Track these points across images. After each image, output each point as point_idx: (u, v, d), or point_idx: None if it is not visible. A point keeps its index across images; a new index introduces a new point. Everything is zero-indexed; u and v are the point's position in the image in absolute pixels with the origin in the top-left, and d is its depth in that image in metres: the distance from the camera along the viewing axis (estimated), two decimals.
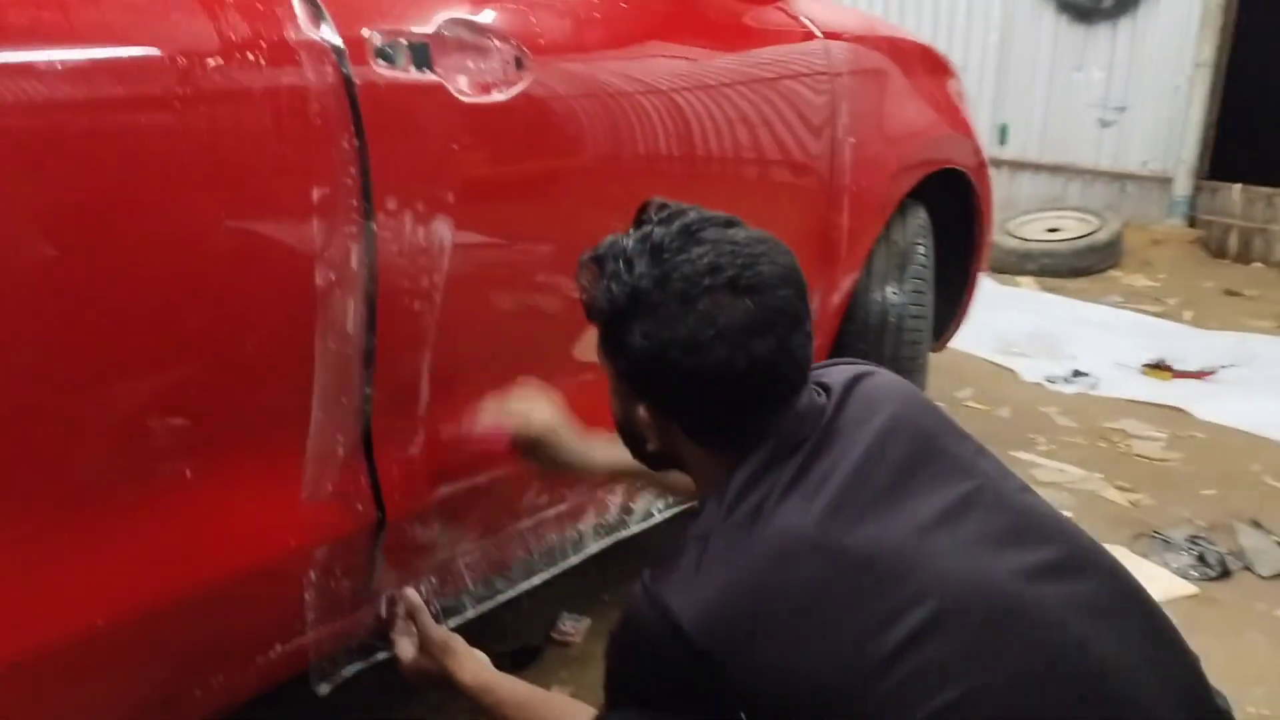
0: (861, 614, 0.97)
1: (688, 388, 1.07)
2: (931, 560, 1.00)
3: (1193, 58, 5.77)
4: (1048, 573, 1.02)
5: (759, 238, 1.10)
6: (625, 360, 1.10)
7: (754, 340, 1.04)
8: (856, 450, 1.07)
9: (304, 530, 1.21)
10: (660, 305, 1.05)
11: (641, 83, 1.56)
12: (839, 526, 1.01)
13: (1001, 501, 1.08)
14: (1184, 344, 4.26)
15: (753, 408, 1.08)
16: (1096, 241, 5.61)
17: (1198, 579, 2.40)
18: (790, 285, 1.08)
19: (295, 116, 1.08)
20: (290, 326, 1.13)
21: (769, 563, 1.00)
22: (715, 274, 1.04)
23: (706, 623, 0.98)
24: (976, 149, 2.64)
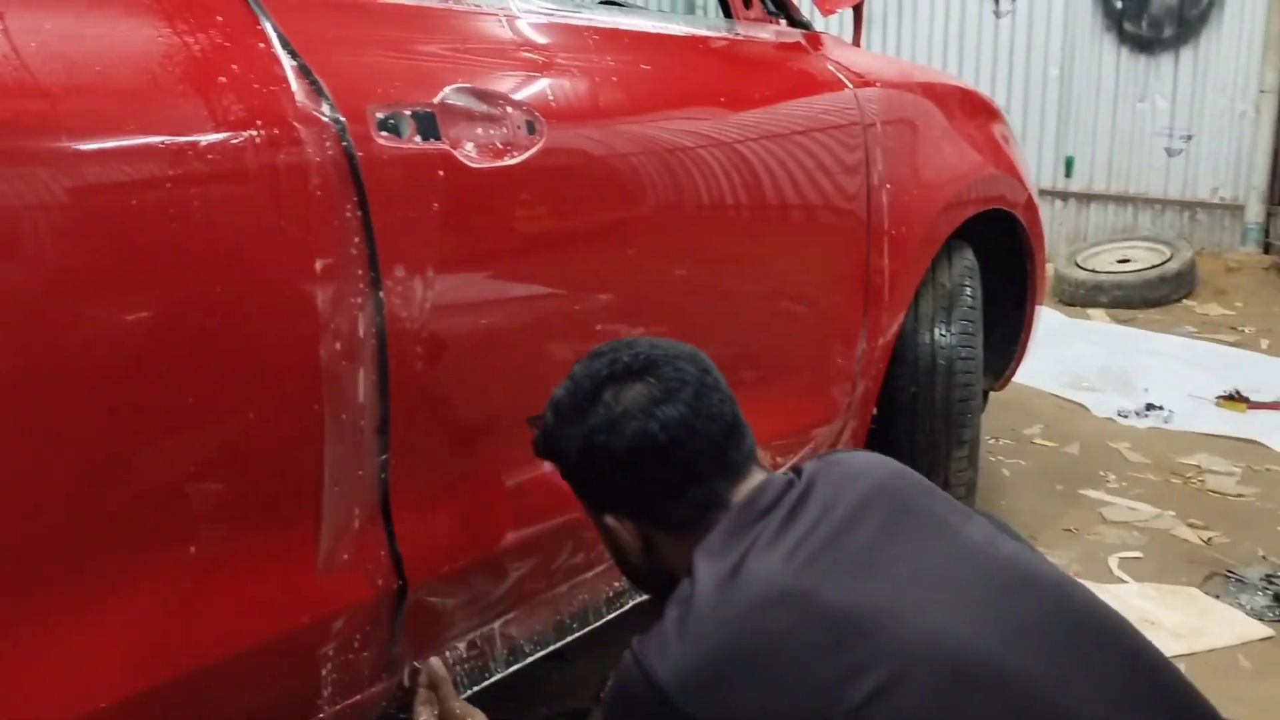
0: (829, 664, 0.99)
1: (624, 470, 1.17)
2: (902, 616, 1.01)
3: (1257, 84, 5.64)
4: (1024, 632, 1.02)
5: (654, 341, 1.24)
6: (567, 468, 1.23)
7: (661, 408, 1.16)
8: (836, 512, 1.11)
9: (320, 604, 1.21)
10: (574, 409, 1.20)
11: (661, 144, 1.56)
12: (812, 579, 1.04)
13: (984, 564, 1.09)
14: (1260, 374, 4.12)
15: (696, 473, 1.16)
16: (1168, 271, 5.47)
17: (1273, 619, 2.29)
18: (685, 359, 1.21)
19: (294, 192, 1.10)
20: (297, 399, 1.14)
21: (743, 616, 1.04)
22: (611, 367, 1.20)
23: (687, 684, 1.02)
24: (1024, 187, 2.60)
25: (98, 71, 1.00)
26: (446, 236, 1.27)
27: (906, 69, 2.36)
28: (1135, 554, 2.64)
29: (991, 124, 2.56)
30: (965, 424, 2.30)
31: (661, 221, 1.57)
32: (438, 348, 1.29)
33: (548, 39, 1.51)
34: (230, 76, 1.09)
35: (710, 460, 1.17)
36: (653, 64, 1.67)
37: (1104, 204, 6.31)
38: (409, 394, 1.26)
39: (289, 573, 1.19)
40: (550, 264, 1.42)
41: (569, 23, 1.57)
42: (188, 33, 1.08)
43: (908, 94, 2.22)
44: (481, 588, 1.44)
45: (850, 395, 2.08)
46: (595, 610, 1.66)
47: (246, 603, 1.15)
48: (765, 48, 2.00)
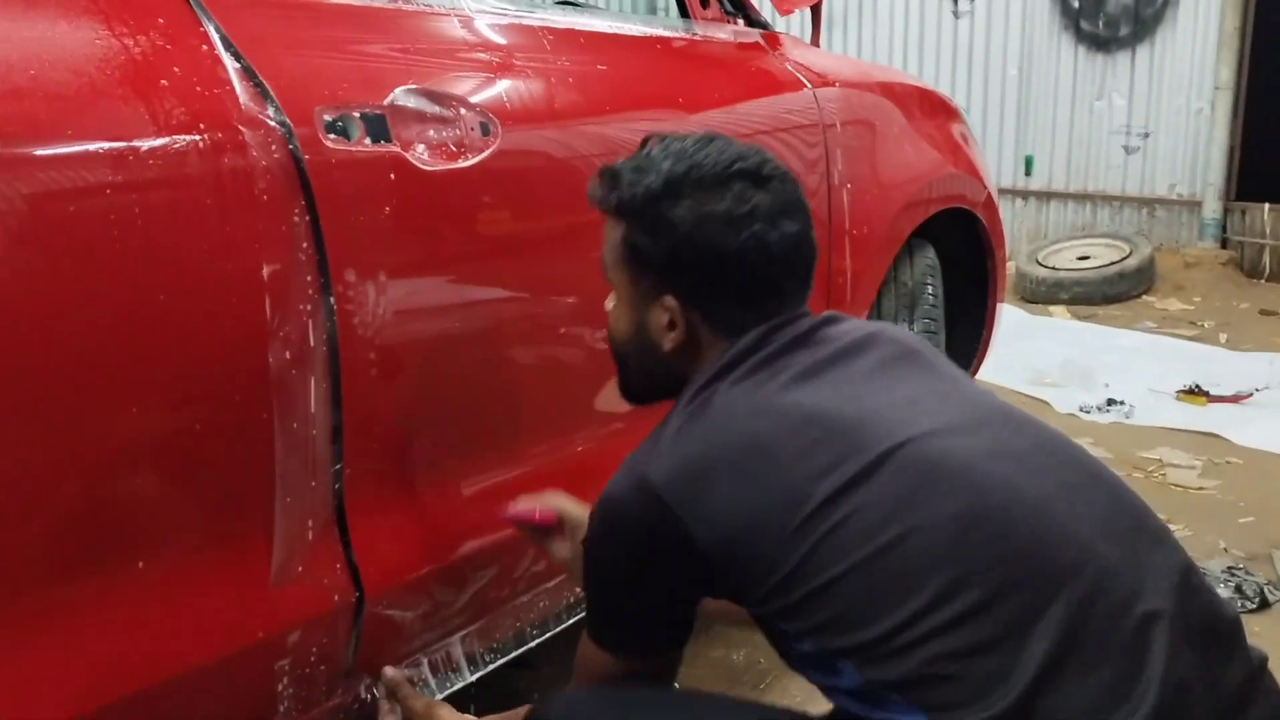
0: (808, 459, 1.03)
1: (725, 266, 1.14)
2: (879, 423, 1.05)
3: (1212, 80, 5.72)
4: (1005, 454, 1.05)
5: (757, 149, 1.20)
6: (661, 244, 1.15)
7: (784, 220, 1.15)
8: (833, 347, 1.14)
9: (274, 618, 1.18)
10: (696, 186, 1.14)
11: (619, 145, 1.54)
12: (794, 391, 1.08)
13: (976, 402, 1.12)
14: (1219, 367, 4.17)
15: (780, 290, 1.17)
16: (1127, 268, 5.53)
17: (1238, 611, 2.30)
18: (794, 182, 1.19)
19: (240, 197, 1.07)
20: (246, 408, 1.12)
21: (730, 418, 1.08)
22: (741, 161, 1.15)
23: (669, 473, 1.06)
24: (983, 186, 2.60)
25: (32, 75, 0.97)
26: (399, 241, 1.25)
27: (865, 68, 2.36)
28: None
29: (950, 123, 2.57)
30: None
31: None
32: (391, 354, 1.27)
33: (501, 39, 1.49)
34: (172, 79, 1.06)
35: (794, 283, 1.18)
36: (609, 64, 1.65)
37: (1063, 202, 6.37)
38: (362, 402, 1.24)
39: (241, 587, 1.16)
40: (506, 268, 1.40)
41: (523, 23, 1.55)
42: (127, 35, 1.05)
43: (867, 93, 2.22)
44: (441, 598, 1.41)
45: None
46: (556, 617, 1.65)
47: (197, 619, 1.12)
48: (723, 47, 1.99)
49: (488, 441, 1.44)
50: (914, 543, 0.99)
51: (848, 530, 1.00)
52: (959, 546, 0.98)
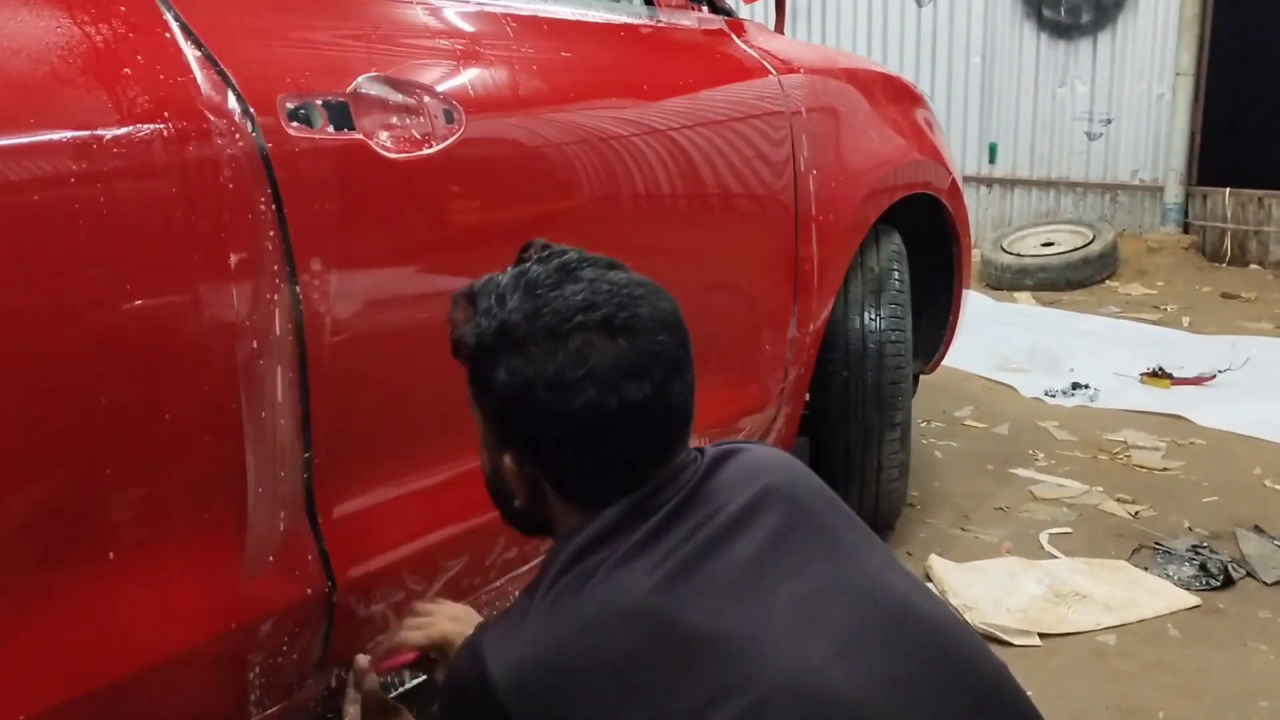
0: (679, 695, 0.91)
1: (554, 432, 1.02)
2: (766, 650, 0.92)
3: (1173, 67, 5.79)
4: (897, 686, 0.93)
5: (639, 281, 1.06)
6: (490, 400, 1.05)
7: (627, 384, 0.99)
8: (717, 521, 1.00)
9: (246, 608, 1.18)
10: (528, 340, 1.01)
11: (584, 133, 1.54)
12: (675, 599, 0.94)
13: (870, 599, 0.99)
14: (1182, 350, 4.23)
15: (624, 460, 1.03)
16: (1091, 253, 5.59)
17: (1200, 589, 2.35)
18: (669, 331, 1.04)
19: (203, 185, 1.07)
20: (215, 398, 1.11)
21: (591, 624, 0.95)
22: (589, 311, 1.00)
23: (513, 677, 0.94)
24: (947, 172, 2.63)
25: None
26: (364, 229, 1.24)
27: (830, 55, 2.38)
28: (1065, 529, 2.69)
29: (915, 109, 2.59)
30: (897, 406, 2.32)
31: (586, 211, 1.55)
32: (357, 343, 1.26)
33: (465, 26, 1.49)
34: (134, 68, 1.05)
35: (652, 449, 1.04)
36: (573, 52, 1.65)
37: (1027, 189, 6.43)
38: (330, 390, 1.23)
39: (213, 577, 1.16)
40: (471, 255, 1.39)
41: (486, 10, 1.55)
42: (88, 23, 1.05)
43: (832, 80, 2.23)
44: (413, 586, 1.41)
45: (783, 382, 2.08)
46: None
47: (169, 610, 1.12)
48: (688, 34, 2.00)
49: (456, 429, 1.44)
50: None
51: None
52: None
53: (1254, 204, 5.74)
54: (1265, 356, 4.05)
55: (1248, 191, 5.74)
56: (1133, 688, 1.97)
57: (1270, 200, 5.70)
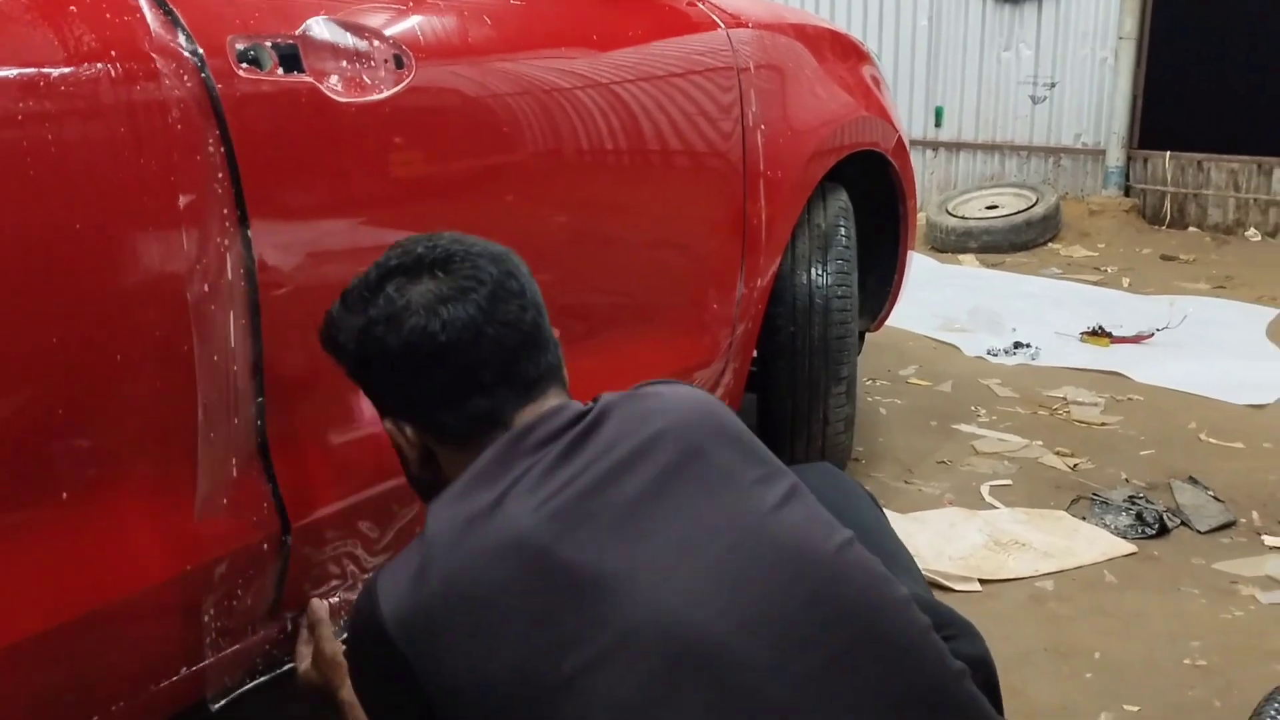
0: (547, 626, 0.93)
1: (398, 369, 1.09)
2: (637, 589, 0.94)
3: (1116, 31, 5.87)
4: (768, 623, 0.94)
5: (459, 236, 1.13)
6: (347, 362, 1.14)
7: (448, 306, 1.06)
8: (612, 455, 1.02)
9: (199, 550, 1.19)
10: (358, 300, 1.11)
11: (535, 83, 1.55)
12: (553, 534, 0.97)
13: (754, 538, 0.99)
14: (1122, 310, 4.32)
15: (478, 381, 1.08)
16: (1034, 216, 5.68)
17: (1136, 537, 2.42)
18: (487, 258, 1.10)
19: (153, 127, 1.06)
20: (166, 341, 1.11)
21: (470, 562, 0.97)
22: (401, 258, 1.10)
23: (401, 614, 0.96)
24: (894, 130, 2.65)
25: None
26: (315, 174, 1.25)
27: (777, 10, 2.38)
28: (1006, 482, 2.76)
29: (862, 66, 2.61)
30: (843, 361, 2.36)
31: (533, 164, 1.56)
32: (310, 287, 1.26)
33: None
34: (80, 6, 1.05)
35: (497, 370, 1.07)
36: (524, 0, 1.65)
37: (972, 152, 6.50)
38: (282, 335, 1.24)
39: (165, 519, 1.16)
40: (421, 202, 1.40)
41: None
42: None
43: (780, 35, 2.24)
44: (366, 529, 1.42)
45: (730, 337, 2.11)
46: None
47: (121, 551, 1.12)
48: None
49: None
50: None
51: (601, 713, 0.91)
52: None
53: (1193, 168, 5.86)
54: (1201, 315, 4.15)
55: (1187, 155, 5.86)
56: (1070, 631, 2.03)
57: (1209, 164, 5.82)
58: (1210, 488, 2.67)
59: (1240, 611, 2.10)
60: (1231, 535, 2.45)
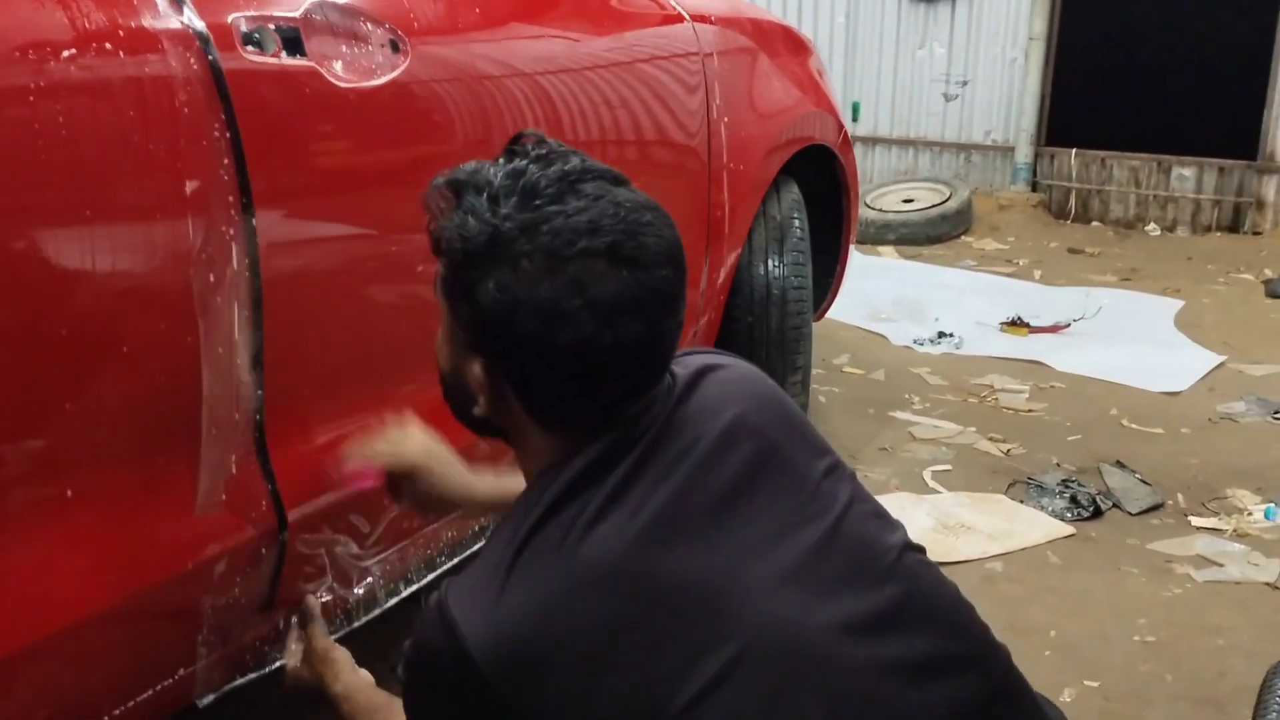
0: (663, 652, 0.88)
1: (537, 359, 0.93)
2: (745, 596, 0.91)
3: (1026, 31, 6.05)
4: (871, 627, 0.93)
5: (646, 204, 0.95)
6: (469, 311, 0.94)
7: (624, 319, 0.90)
8: (690, 460, 0.96)
9: (199, 547, 1.15)
10: (523, 257, 0.90)
11: (524, 66, 1.54)
12: (653, 553, 0.91)
13: (840, 535, 0.97)
14: (1036, 301, 4.47)
15: (604, 395, 0.95)
16: (948, 210, 5.83)
17: (1073, 519, 2.52)
18: (673, 265, 0.94)
19: (160, 108, 1.03)
20: (172, 332, 1.08)
21: (571, 589, 0.89)
22: (593, 236, 0.89)
23: (495, 650, 0.88)
24: (839, 125, 2.70)
25: None
26: (319, 160, 1.22)
27: (736, 5, 2.40)
28: (945, 467, 2.83)
29: (809, 60, 2.65)
30: (799, 350, 2.39)
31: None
32: (311, 278, 1.24)
33: None
34: None
35: (631, 384, 0.96)
36: None
37: (888, 147, 6.64)
38: (283, 327, 1.21)
39: (167, 515, 1.12)
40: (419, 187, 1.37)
41: None
42: None
43: (740, 30, 2.26)
44: (360, 525, 1.40)
45: (695, 326, 2.12)
46: (463, 543, 1.65)
47: (123, 550, 1.08)
48: None
49: (409, 364, 1.43)
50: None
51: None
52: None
53: (1097, 164, 6.09)
54: (1115, 306, 4.32)
55: (1092, 152, 6.08)
56: (1024, 610, 2.10)
57: (1112, 161, 6.05)
58: (1137, 471, 2.78)
59: (1179, 589, 2.21)
60: (1160, 516, 2.56)
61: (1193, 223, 5.94)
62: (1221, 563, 2.31)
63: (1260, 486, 2.69)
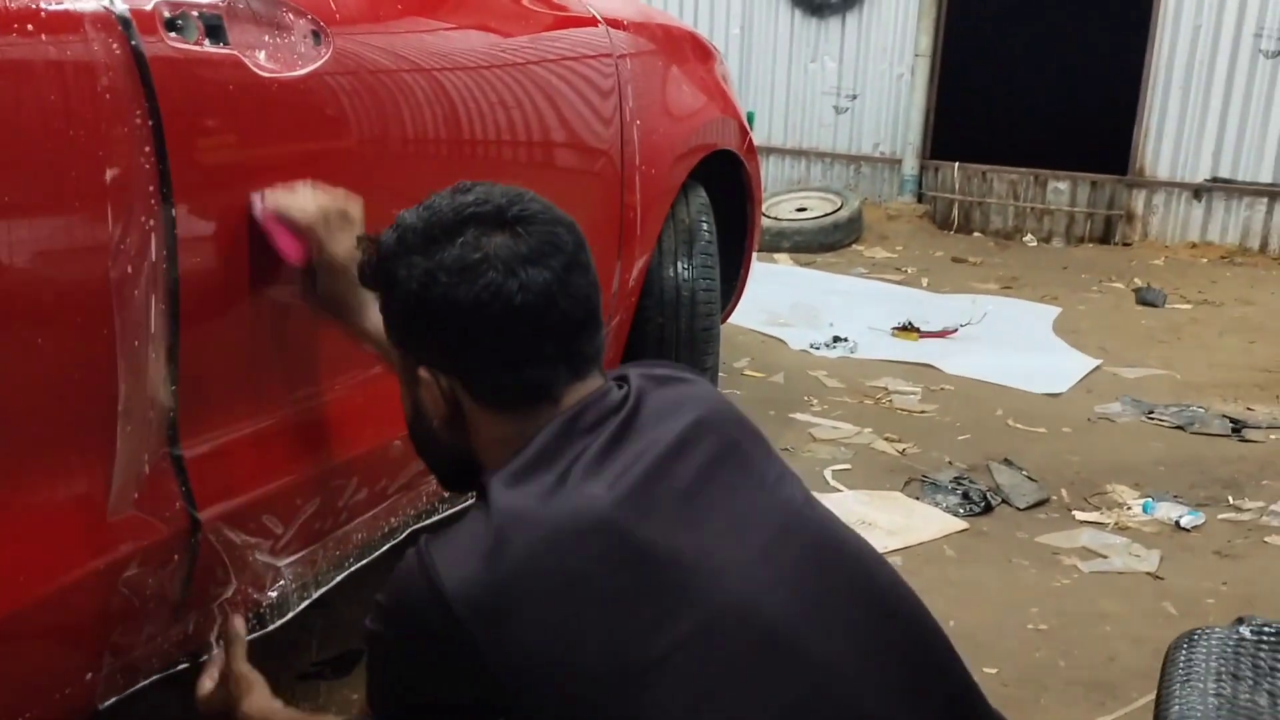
0: (632, 611, 0.92)
1: (460, 323, 1.00)
2: (713, 572, 0.95)
3: (913, 48, 6.25)
4: (829, 607, 0.97)
5: (535, 195, 1.07)
6: (397, 306, 1.05)
7: (527, 268, 0.99)
8: (660, 444, 1.01)
9: (111, 548, 1.12)
10: (426, 238, 1.02)
11: (443, 61, 1.54)
12: (633, 514, 0.95)
13: (797, 528, 1.02)
14: (925, 307, 4.62)
15: (539, 350, 1.02)
16: (840, 219, 5.98)
17: (965, 515, 2.61)
18: (564, 226, 1.04)
19: (81, 92, 1.00)
20: (89, 325, 1.04)
21: (554, 541, 0.93)
22: (480, 206, 1.02)
23: (472, 595, 0.91)
24: (744, 131, 2.75)
25: None
26: (240, 150, 1.19)
27: (646, 10, 2.42)
28: (845, 466, 2.91)
29: (715, 67, 2.69)
30: (708, 352, 2.43)
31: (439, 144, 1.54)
32: (229, 271, 1.21)
33: None
34: None
35: (559, 342, 1.02)
36: None
37: (781, 156, 6.78)
38: (200, 321, 1.18)
39: (79, 516, 1.09)
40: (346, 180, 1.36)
41: None
42: None
43: (651, 36, 2.28)
44: (271, 528, 1.37)
45: (607, 327, 2.13)
46: (372, 544, 1.64)
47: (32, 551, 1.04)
48: None
49: (327, 360, 1.41)
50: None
51: (671, 703, 0.91)
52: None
53: (978, 177, 6.33)
54: (998, 312, 4.49)
55: (974, 166, 6.32)
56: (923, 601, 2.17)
57: (992, 174, 6.29)
58: (1023, 468, 2.90)
59: (1067, 580, 2.31)
60: (1046, 511, 2.68)
61: (1067, 234, 6.21)
62: (1105, 554, 2.43)
63: (1138, 482, 2.84)
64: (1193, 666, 1.09)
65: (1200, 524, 2.59)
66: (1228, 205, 5.92)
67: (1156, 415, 3.39)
